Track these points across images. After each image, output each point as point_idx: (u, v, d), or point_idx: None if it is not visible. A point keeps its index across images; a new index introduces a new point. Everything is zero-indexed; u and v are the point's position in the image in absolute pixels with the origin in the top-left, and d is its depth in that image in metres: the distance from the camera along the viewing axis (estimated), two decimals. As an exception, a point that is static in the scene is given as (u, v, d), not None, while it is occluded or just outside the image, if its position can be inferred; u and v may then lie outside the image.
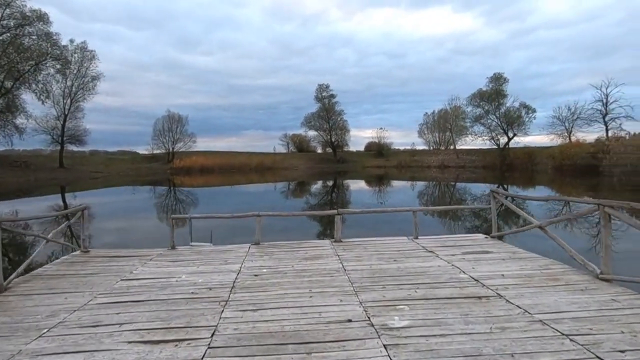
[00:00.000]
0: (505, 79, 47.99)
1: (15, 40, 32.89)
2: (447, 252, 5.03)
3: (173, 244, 5.64)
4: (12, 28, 32.92)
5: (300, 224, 10.46)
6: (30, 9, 33.37)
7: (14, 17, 32.96)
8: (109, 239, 9.79)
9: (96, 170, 42.37)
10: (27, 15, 33.30)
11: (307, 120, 59.75)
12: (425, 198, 20.62)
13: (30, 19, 33.51)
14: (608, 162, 26.73)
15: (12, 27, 32.92)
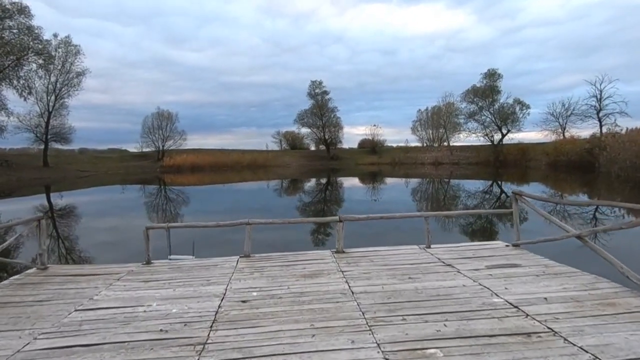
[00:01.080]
0: (499, 75, 47.66)
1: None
2: (468, 265, 4.34)
3: (148, 258, 4.86)
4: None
5: (296, 230, 9.54)
6: (10, 2, 31.89)
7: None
8: (82, 246, 8.96)
9: (83, 169, 41.06)
10: (7, 8, 31.77)
11: (300, 117, 58.80)
12: (419, 195, 20.17)
13: (11, 12, 31.97)
14: (605, 158, 26.35)
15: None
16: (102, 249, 8.69)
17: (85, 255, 8.11)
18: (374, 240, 8.05)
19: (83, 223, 12.93)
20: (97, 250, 8.43)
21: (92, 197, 21.90)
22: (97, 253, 8.25)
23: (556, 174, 30.74)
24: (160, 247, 5.50)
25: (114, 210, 15.92)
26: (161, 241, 5.52)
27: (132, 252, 7.56)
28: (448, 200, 17.65)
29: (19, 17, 32.45)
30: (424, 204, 17.13)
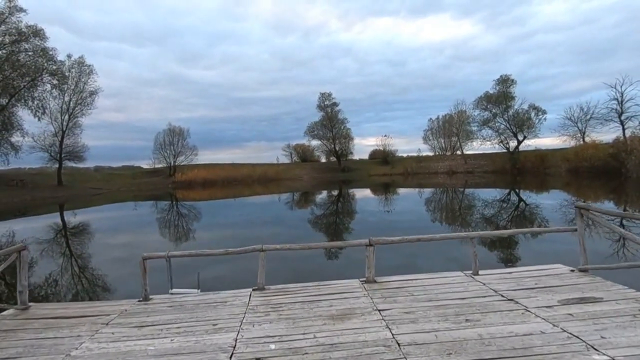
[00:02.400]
0: (512, 80, 46.65)
1: (10, 57, 32.05)
2: (535, 300, 3.51)
3: (145, 293, 4.18)
4: (8, 44, 32.13)
5: (315, 252, 8.53)
6: (26, 25, 32.62)
7: (10, 33, 32.18)
8: (81, 274, 8.32)
9: (96, 187, 41.22)
10: (23, 32, 32.50)
11: (310, 130, 58.56)
12: (433, 205, 19.24)
13: (26, 35, 32.70)
14: (634, 163, 24.93)
15: (8, 44, 32.13)
16: (107, 270, 8.10)
17: (82, 282, 7.51)
18: (405, 264, 7.14)
19: (92, 241, 12.47)
20: (97, 277, 7.82)
21: (103, 215, 21.56)
22: (98, 278, 7.65)
23: (578, 180, 29.37)
24: (163, 277, 4.80)
25: (125, 227, 15.50)
26: (163, 271, 4.83)
27: (136, 274, 6.95)
28: (463, 210, 16.89)
29: (34, 39, 33.12)
30: (438, 214, 16.45)
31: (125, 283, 7.01)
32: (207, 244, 11.45)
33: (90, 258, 9.92)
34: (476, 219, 13.93)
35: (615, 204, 16.93)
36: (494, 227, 12.26)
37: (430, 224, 13.71)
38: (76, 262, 9.51)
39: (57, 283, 7.67)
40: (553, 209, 14.96)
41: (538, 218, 13.38)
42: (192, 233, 13.87)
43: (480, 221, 13.31)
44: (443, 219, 14.86)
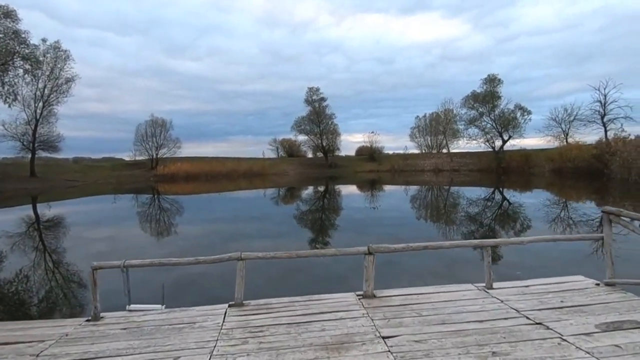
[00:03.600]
0: (499, 80, 46.93)
1: (-21, 39, 30.08)
2: (567, 323, 3.02)
3: (95, 312, 3.49)
4: (-24, 26, 30.14)
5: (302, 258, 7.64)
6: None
7: (-22, 14, 30.19)
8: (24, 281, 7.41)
9: (72, 178, 39.45)
10: (-8, 12, 30.55)
11: (297, 124, 57.70)
12: (419, 203, 18.98)
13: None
14: (618, 164, 25.23)
15: (-24, 25, 30.13)
16: (65, 276, 7.25)
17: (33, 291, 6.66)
18: (404, 271, 6.57)
19: (56, 239, 11.50)
20: (52, 282, 6.97)
21: (76, 208, 20.37)
22: (46, 286, 6.76)
23: (562, 180, 29.74)
24: (116, 291, 4.03)
25: (97, 223, 14.51)
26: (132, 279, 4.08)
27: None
28: (448, 208, 16.96)
29: (5, 20, 31.14)
30: (423, 211, 16.41)
31: (83, 293, 6.08)
32: (187, 241, 10.83)
33: (43, 260, 8.83)
34: (461, 217, 14.00)
35: (597, 204, 17.00)
36: (511, 231, 11.77)
37: (416, 221, 13.75)
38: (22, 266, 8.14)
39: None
40: (536, 208, 15.20)
41: (521, 217, 13.49)
42: (172, 228, 13.32)
43: (466, 220, 13.20)
44: (428, 217, 14.87)
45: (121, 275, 3.69)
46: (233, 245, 9.84)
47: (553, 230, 10.82)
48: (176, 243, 10.71)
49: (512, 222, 12.72)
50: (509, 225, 12.08)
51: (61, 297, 5.89)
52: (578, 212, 14.43)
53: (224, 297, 4.01)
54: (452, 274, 6.31)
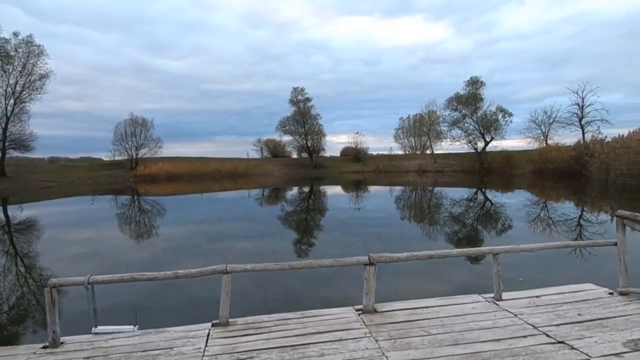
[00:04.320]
0: (482, 82, 47.78)
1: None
2: (592, 341, 2.81)
3: (54, 336, 3.04)
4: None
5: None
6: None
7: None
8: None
9: (47, 179, 37.87)
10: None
11: (282, 125, 57.21)
12: (403, 203, 19.01)
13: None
14: (596, 165, 25.95)
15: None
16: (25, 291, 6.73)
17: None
18: (400, 278, 6.23)
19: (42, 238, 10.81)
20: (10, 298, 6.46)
21: (54, 209, 19.42)
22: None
23: (542, 181, 30.46)
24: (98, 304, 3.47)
25: (81, 224, 13.79)
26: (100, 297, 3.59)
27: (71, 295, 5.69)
28: (432, 209, 17.11)
29: (-26, 13, 29.66)
30: (407, 212, 16.53)
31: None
32: (168, 242, 10.41)
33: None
34: (444, 217, 14.16)
35: (576, 205, 17.41)
36: (492, 231, 12.01)
37: (400, 221, 13.88)
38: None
39: None
40: (517, 208, 15.57)
41: (502, 217, 13.75)
42: (152, 230, 12.88)
43: (450, 220, 13.30)
44: (412, 217, 15.04)
45: (85, 293, 3.18)
46: (216, 246, 9.68)
47: (532, 231, 10.97)
48: (157, 245, 10.35)
49: (495, 222, 12.97)
50: (492, 226, 12.36)
51: (16, 317, 5.15)
52: (557, 212, 14.75)
53: (207, 314, 3.62)
54: (449, 279, 6.10)
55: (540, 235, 10.20)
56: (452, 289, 5.49)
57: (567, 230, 10.72)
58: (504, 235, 10.79)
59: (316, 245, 9.51)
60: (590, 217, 13.15)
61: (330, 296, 5.42)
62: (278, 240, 10.30)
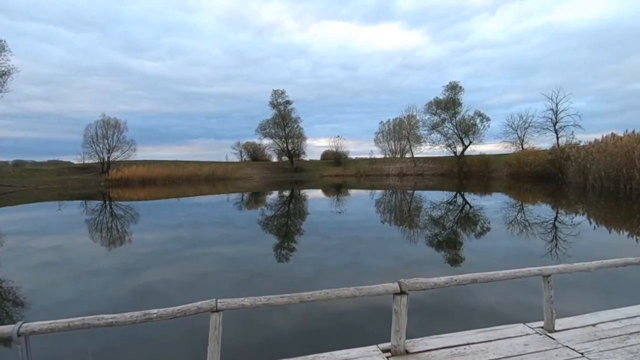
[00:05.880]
0: (460, 87, 48.53)
1: None
2: None
3: None
4: None
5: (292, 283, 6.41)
6: None
7: None
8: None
9: (8, 183, 35.48)
10: None
11: (262, 127, 56.35)
12: (383, 206, 18.68)
13: None
14: (573, 169, 26.48)
15: None
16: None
17: None
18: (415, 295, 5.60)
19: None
20: None
21: (13, 216, 17.86)
22: None
23: (519, 184, 30.96)
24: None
25: (44, 231, 12.56)
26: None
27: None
28: (412, 212, 17.07)
29: None
30: (387, 215, 16.38)
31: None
32: (142, 248, 9.58)
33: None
34: (425, 220, 14.12)
35: (553, 206, 17.58)
36: (472, 234, 11.69)
37: (380, 224, 13.78)
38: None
39: None
40: (495, 210, 15.78)
41: (481, 220, 13.76)
42: (125, 237, 12.04)
43: (430, 223, 12.98)
44: (392, 220, 15.03)
45: (14, 349, 2.16)
46: (191, 252, 9.09)
47: (510, 232, 10.99)
48: (130, 252, 9.67)
49: (473, 224, 12.99)
50: (470, 229, 12.32)
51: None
52: (533, 213, 14.86)
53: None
54: (473, 294, 5.42)
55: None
56: (482, 306, 4.96)
57: (543, 232, 10.64)
58: (486, 235, 10.71)
59: (296, 250, 9.32)
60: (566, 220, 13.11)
61: (343, 327, 4.54)
62: (257, 245, 10.03)
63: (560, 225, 12.06)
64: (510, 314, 4.51)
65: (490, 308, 4.91)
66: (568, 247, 8.75)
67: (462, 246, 9.51)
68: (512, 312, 4.63)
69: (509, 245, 9.45)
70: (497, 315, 4.49)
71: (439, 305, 5.06)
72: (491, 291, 5.39)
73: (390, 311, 2.83)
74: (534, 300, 5.03)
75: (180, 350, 3.98)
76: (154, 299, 5.80)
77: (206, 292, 6.16)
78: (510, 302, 5.16)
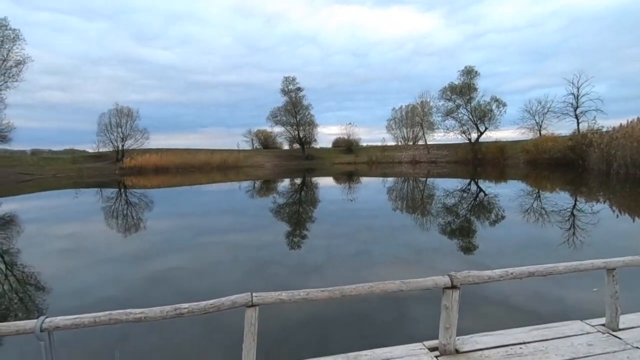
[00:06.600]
0: (476, 72, 47.15)
1: None
2: None
3: None
4: None
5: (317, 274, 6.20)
6: None
7: None
8: None
9: (26, 172, 36.20)
10: None
11: (273, 115, 55.99)
12: (395, 194, 18.34)
13: None
14: (596, 155, 25.52)
15: None
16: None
17: None
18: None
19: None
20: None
21: (34, 204, 18.19)
22: None
23: (537, 171, 30.11)
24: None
25: (63, 218, 12.73)
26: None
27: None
28: (425, 200, 16.78)
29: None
30: (399, 203, 16.16)
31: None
32: (158, 236, 9.66)
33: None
34: (438, 208, 13.89)
35: (571, 194, 17.01)
36: (486, 222, 11.36)
37: (391, 212, 13.60)
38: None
39: None
40: (510, 198, 15.29)
41: (496, 208, 13.41)
42: (140, 224, 12.16)
43: (443, 211, 12.73)
44: (403, 208, 14.76)
45: (37, 344, 1.97)
46: (206, 239, 9.18)
47: (526, 220, 10.66)
48: (148, 239, 9.81)
49: (488, 213, 12.71)
50: (485, 216, 12.07)
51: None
52: (552, 201, 14.43)
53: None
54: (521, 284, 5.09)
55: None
56: (531, 301, 4.68)
57: (561, 221, 10.20)
58: (501, 224, 10.37)
59: (307, 237, 9.36)
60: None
61: (381, 321, 4.18)
62: (268, 233, 10.11)
63: (593, 215, 11.34)
64: (548, 309, 4.27)
65: (525, 301, 4.66)
66: (603, 238, 8.37)
67: (475, 235, 9.30)
68: (550, 307, 4.37)
69: (532, 234, 9.12)
70: (535, 310, 4.24)
71: (466, 297, 4.83)
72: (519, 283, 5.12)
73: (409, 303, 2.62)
74: (569, 294, 4.79)
75: (211, 341, 3.76)
76: (168, 284, 5.84)
77: (220, 278, 6.18)
78: (546, 295, 4.88)
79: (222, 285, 5.75)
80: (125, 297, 5.31)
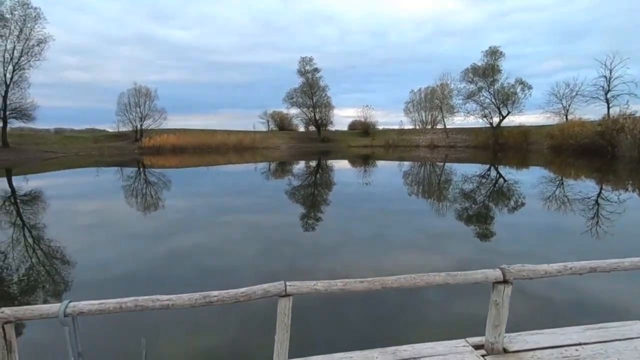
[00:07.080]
0: (501, 53, 45.08)
1: None
2: None
3: None
4: None
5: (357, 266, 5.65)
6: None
7: None
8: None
9: (51, 150, 37.18)
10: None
11: (290, 96, 55.42)
12: (411, 179, 17.91)
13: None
14: (629, 142, 24.25)
15: None
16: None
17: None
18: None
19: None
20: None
21: (60, 181, 18.66)
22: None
23: (561, 158, 28.94)
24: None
25: (88, 196, 13.02)
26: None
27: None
28: (442, 185, 16.48)
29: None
30: (415, 187, 15.97)
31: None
32: (176, 214, 9.63)
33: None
34: (455, 193, 13.70)
35: (597, 182, 16.27)
36: (504, 208, 10.97)
37: (406, 197, 13.45)
38: None
39: None
40: (531, 185, 14.83)
41: (515, 195, 13.08)
42: (159, 202, 12.34)
43: (460, 197, 12.30)
44: (419, 193, 14.60)
45: (61, 329, 1.87)
46: (221, 219, 9.25)
47: (547, 209, 10.36)
48: (166, 217, 10.00)
49: (507, 199, 12.40)
50: (503, 204, 11.71)
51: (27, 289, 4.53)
52: (575, 189, 13.92)
53: (250, 354, 2.54)
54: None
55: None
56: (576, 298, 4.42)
57: (584, 209, 9.71)
58: (520, 211, 9.84)
59: (322, 220, 9.37)
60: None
61: (418, 313, 3.98)
62: (283, 214, 10.23)
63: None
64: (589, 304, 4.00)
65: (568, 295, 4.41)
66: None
67: (492, 221, 9.12)
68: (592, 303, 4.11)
69: (556, 223, 8.73)
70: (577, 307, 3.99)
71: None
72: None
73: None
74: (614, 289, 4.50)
75: (244, 327, 3.56)
76: (190, 260, 5.93)
77: (239, 256, 6.18)
78: (586, 290, 4.60)
79: (242, 262, 5.74)
80: (147, 272, 5.32)
